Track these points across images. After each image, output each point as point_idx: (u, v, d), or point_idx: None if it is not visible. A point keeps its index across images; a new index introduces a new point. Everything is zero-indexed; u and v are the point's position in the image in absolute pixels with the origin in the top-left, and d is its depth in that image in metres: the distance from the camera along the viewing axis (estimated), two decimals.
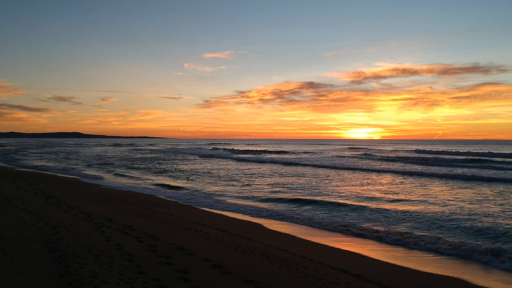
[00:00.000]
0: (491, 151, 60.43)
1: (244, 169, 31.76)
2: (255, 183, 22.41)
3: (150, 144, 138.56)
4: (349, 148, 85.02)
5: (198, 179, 24.34)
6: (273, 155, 56.02)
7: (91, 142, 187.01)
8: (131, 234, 8.04)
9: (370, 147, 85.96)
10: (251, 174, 27.82)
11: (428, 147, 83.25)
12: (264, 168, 33.74)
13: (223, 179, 24.48)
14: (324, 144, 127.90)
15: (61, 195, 13.81)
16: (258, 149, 78.03)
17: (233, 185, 21.21)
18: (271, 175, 27.14)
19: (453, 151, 62.49)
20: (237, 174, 27.47)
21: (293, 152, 65.33)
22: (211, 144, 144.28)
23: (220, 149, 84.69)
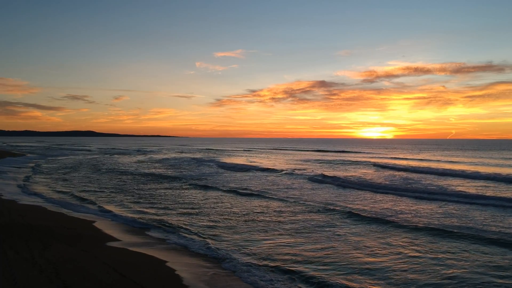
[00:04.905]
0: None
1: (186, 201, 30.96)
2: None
3: (139, 151, 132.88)
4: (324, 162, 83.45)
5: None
6: (248, 173, 55.07)
7: (89, 144, 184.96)
8: None
9: (352, 158, 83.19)
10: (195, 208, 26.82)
11: (401, 157, 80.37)
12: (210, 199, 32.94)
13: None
14: (320, 151, 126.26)
15: (76, 278, 13.08)
16: (247, 163, 72.27)
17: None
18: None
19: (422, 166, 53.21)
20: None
21: (278, 170, 64.13)
22: (206, 151, 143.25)
23: (205, 160, 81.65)
